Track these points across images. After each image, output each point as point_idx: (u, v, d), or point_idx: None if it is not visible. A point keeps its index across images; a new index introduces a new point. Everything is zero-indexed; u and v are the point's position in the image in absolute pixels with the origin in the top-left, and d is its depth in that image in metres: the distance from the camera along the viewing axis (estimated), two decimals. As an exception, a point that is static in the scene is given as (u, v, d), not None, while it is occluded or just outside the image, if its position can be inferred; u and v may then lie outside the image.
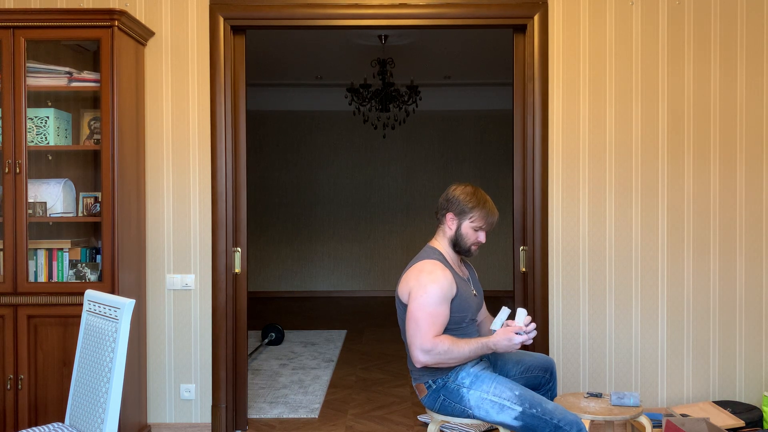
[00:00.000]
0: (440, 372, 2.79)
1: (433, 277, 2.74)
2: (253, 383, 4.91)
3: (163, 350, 3.78)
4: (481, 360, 2.86)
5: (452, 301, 2.77)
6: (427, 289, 2.71)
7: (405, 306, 2.79)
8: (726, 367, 3.82)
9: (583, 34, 3.75)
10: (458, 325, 2.81)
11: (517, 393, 2.68)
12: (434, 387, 2.80)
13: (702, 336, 3.81)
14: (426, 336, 2.67)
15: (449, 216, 2.88)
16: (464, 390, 2.75)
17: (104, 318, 2.52)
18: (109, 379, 2.42)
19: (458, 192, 2.89)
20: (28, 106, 3.38)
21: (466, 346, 2.69)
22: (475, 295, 2.94)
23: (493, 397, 2.69)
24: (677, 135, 3.77)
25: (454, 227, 2.88)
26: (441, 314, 2.71)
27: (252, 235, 9.37)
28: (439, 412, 2.83)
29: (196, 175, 3.77)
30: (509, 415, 2.66)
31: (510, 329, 2.69)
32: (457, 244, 2.89)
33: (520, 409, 2.65)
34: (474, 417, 2.75)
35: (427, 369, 2.80)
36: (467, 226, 2.86)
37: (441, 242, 2.93)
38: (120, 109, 3.38)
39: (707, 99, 3.77)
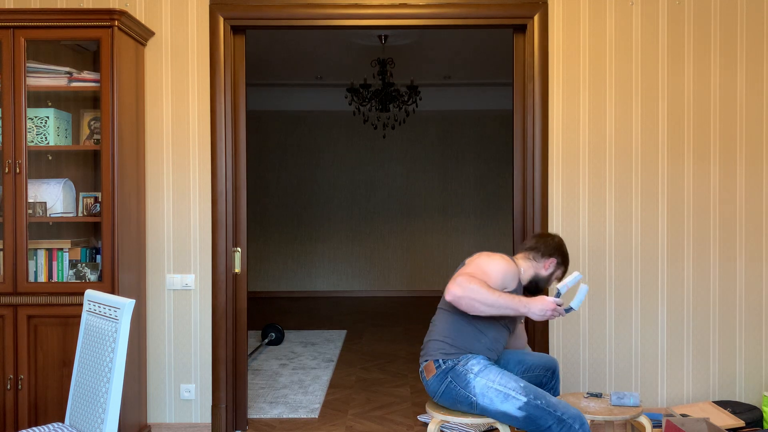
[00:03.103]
0: (452, 354, 2.83)
1: (504, 260, 2.90)
2: (253, 383, 4.91)
3: (163, 350, 3.78)
4: (488, 357, 2.89)
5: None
6: (494, 258, 2.89)
7: None
8: (726, 367, 3.82)
9: (583, 34, 3.75)
10: (497, 319, 2.89)
11: (522, 385, 2.74)
12: (443, 367, 2.82)
13: (702, 336, 3.81)
14: (468, 276, 2.75)
15: (553, 261, 3.05)
16: (471, 376, 2.77)
17: (104, 318, 2.52)
18: (109, 379, 2.42)
19: (565, 247, 3.11)
20: (28, 106, 3.38)
21: (500, 294, 2.75)
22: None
23: (499, 386, 2.73)
24: (677, 135, 3.77)
25: (549, 271, 3.06)
26: (491, 277, 2.80)
27: (252, 235, 9.37)
28: (442, 396, 2.84)
29: (196, 174, 3.77)
30: (513, 404, 2.70)
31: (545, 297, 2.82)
32: (537, 283, 3.06)
33: (524, 399, 2.69)
34: (477, 405, 2.75)
35: (440, 350, 2.85)
36: (555, 277, 3.11)
37: (526, 267, 3.05)
38: (120, 109, 3.38)
39: (707, 99, 3.77)
